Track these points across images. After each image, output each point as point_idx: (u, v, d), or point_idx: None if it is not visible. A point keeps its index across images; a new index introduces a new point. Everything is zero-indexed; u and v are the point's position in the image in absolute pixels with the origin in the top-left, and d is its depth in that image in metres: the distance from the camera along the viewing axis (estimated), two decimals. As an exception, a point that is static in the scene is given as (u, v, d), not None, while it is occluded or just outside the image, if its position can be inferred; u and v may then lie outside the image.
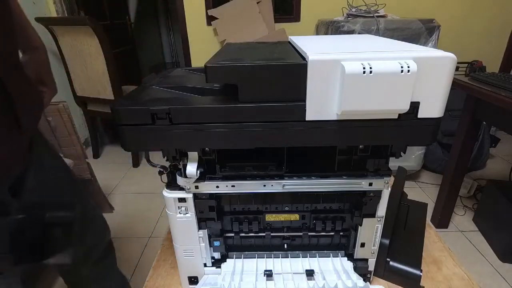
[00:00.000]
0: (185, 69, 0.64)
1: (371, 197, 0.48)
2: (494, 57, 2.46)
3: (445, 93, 0.37)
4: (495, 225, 1.53)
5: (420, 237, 0.64)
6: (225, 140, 0.40)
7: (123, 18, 3.54)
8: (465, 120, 1.42)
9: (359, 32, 1.78)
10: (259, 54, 0.49)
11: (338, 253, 0.57)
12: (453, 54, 0.35)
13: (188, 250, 0.53)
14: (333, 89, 0.37)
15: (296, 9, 2.42)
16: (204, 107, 0.39)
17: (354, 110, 0.36)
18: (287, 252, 0.57)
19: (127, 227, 1.73)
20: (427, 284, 0.58)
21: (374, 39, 0.54)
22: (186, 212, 0.50)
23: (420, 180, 2.12)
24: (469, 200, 1.87)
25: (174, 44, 5.15)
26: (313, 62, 0.36)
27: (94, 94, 2.15)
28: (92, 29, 1.85)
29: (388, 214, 0.51)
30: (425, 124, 0.39)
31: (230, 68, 0.38)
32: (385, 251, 0.56)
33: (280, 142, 0.40)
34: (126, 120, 0.39)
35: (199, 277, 0.56)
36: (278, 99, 0.38)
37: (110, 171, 2.30)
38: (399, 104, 0.36)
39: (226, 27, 2.35)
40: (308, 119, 0.38)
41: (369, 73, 0.34)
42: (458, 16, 2.39)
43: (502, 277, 1.36)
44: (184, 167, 0.45)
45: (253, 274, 0.53)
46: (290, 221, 0.54)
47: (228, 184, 0.48)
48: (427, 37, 1.78)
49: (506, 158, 2.37)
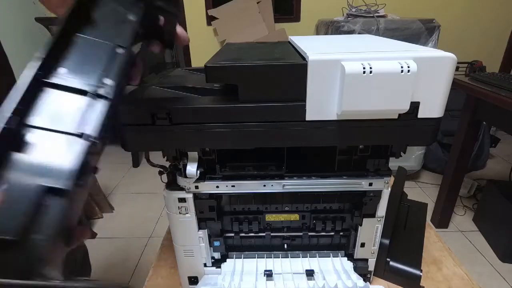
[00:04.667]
0: (185, 69, 0.64)
1: (371, 197, 0.48)
2: (494, 57, 2.47)
3: (445, 93, 0.37)
4: (495, 225, 1.53)
5: (420, 237, 0.64)
6: (225, 140, 0.40)
7: (123, 18, 3.53)
8: (465, 120, 1.42)
9: (359, 32, 1.77)
10: (259, 54, 0.49)
11: (338, 253, 0.57)
12: (453, 54, 0.35)
13: (188, 250, 0.53)
14: (333, 89, 0.37)
15: (296, 9, 2.42)
16: (204, 107, 0.39)
17: (354, 110, 0.36)
18: (287, 252, 0.57)
19: (127, 227, 1.73)
20: (427, 284, 0.58)
21: (374, 39, 0.54)
22: (186, 212, 0.50)
23: (420, 180, 2.12)
24: (469, 200, 1.87)
25: (174, 44, 5.14)
26: (313, 62, 0.36)
27: (94, 94, 2.15)
28: (92, 29, 1.85)
29: (388, 214, 0.51)
30: (425, 124, 0.39)
31: (230, 68, 0.38)
32: (385, 251, 0.56)
33: (280, 142, 0.40)
34: (126, 120, 0.39)
35: (199, 277, 0.56)
36: (278, 99, 0.38)
37: (110, 171, 2.30)
38: (399, 104, 0.36)
39: (226, 27, 2.34)
40: (308, 119, 0.38)
41: (369, 73, 0.34)
42: (458, 16, 2.39)
43: (502, 277, 1.36)
44: (184, 167, 0.45)
45: (253, 274, 0.53)
46: (290, 221, 0.54)
47: (228, 184, 0.48)
48: (427, 37, 1.78)
49: (506, 158, 2.37)
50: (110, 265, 1.44)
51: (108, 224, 1.75)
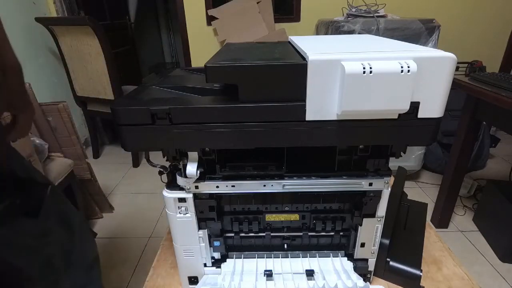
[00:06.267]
0: (185, 69, 0.64)
1: (371, 197, 0.48)
2: (494, 57, 2.47)
3: (445, 93, 0.37)
4: (495, 225, 1.53)
5: (420, 237, 0.64)
6: (225, 140, 0.40)
7: (123, 18, 3.54)
8: (465, 120, 1.41)
9: (359, 32, 1.77)
10: (259, 54, 0.49)
11: (338, 253, 0.57)
12: (453, 54, 0.35)
13: (188, 250, 0.53)
14: (333, 89, 0.37)
15: (296, 9, 2.42)
16: (204, 107, 0.39)
17: (354, 110, 0.36)
18: (287, 252, 0.57)
19: (127, 227, 1.73)
20: (427, 284, 0.58)
21: (374, 39, 0.54)
22: (186, 212, 0.50)
23: (420, 180, 2.12)
24: (469, 200, 1.87)
25: (174, 44, 5.15)
26: (313, 62, 0.36)
27: (94, 94, 2.15)
28: (92, 29, 1.85)
29: (388, 214, 0.51)
30: (425, 124, 0.39)
31: (230, 68, 0.38)
32: (385, 251, 0.56)
33: (280, 142, 0.40)
34: (126, 120, 0.39)
35: (199, 277, 0.56)
36: (278, 99, 0.38)
37: (110, 171, 2.29)
38: (399, 104, 0.36)
39: (226, 27, 2.34)
40: (308, 119, 0.38)
41: (369, 73, 0.34)
42: (458, 16, 2.39)
43: (502, 277, 1.36)
44: (184, 167, 0.45)
45: (253, 274, 0.53)
46: (290, 221, 0.54)
47: (228, 184, 0.48)
48: (427, 37, 1.78)
49: (506, 158, 2.37)
50: (110, 265, 1.44)
51: (108, 224, 1.75)
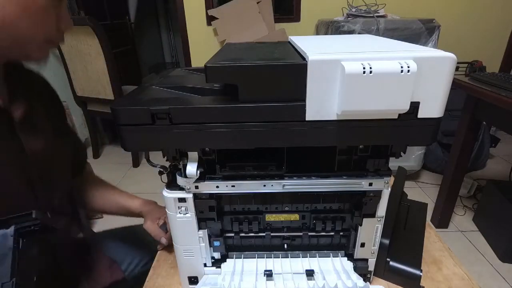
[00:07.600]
0: (185, 69, 0.64)
1: (371, 197, 0.48)
2: (494, 57, 2.47)
3: (445, 93, 0.37)
4: (495, 225, 1.53)
5: (420, 237, 0.64)
6: (225, 140, 0.40)
7: (123, 18, 3.54)
8: (465, 120, 1.41)
9: (359, 32, 1.78)
10: (259, 54, 0.49)
11: (338, 253, 0.57)
12: (453, 54, 0.35)
13: (188, 250, 0.53)
14: (333, 89, 0.37)
15: (296, 9, 2.42)
16: (204, 107, 0.39)
17: (354, 110, 0.36)
18: (287, 252, 0.57)
19: (127, 227, 1.72)
20: (427, 284, 0.58)
21: (374, 39, 0.54)
22: (186, 212, 0.50)
23: (420, 180, 2.12)
24: (469, 200, 1.87)
25: (174, 44, 5.15)
26: (313, 62, 0.36)
27: (94, 94, 2.15)
28: (92, 29, 1.85)
29: (388, 214, 0.51)
30: (425, 124, 0.39)
31: (230, 68, 0.38)
32: (385, 251, 0.56)
33: (280, 142, 0.40)
34: (126, 120, 0.39)
35: (199, 277, 0.56)
36: (278, 99, 0.38)
37: (110, 171, 2.29)
38: (399, 104, 0.36)
39: (226, 27, 2.34)
40: (308, 119, 0.38)
41: (369, 73, 0.34)
42: (458, 16, 2.39)
43: (502, 277, 1.36)
44: (184, 167, 0.45)
45: (253, 274, 0.53)
46: (290, 221, 0.54)
47: (228, 184, 0.48)
48: (427, 37, 1.78)
49: (506, 158, 2.37)
50: (110, 265, 1.44)
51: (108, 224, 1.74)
